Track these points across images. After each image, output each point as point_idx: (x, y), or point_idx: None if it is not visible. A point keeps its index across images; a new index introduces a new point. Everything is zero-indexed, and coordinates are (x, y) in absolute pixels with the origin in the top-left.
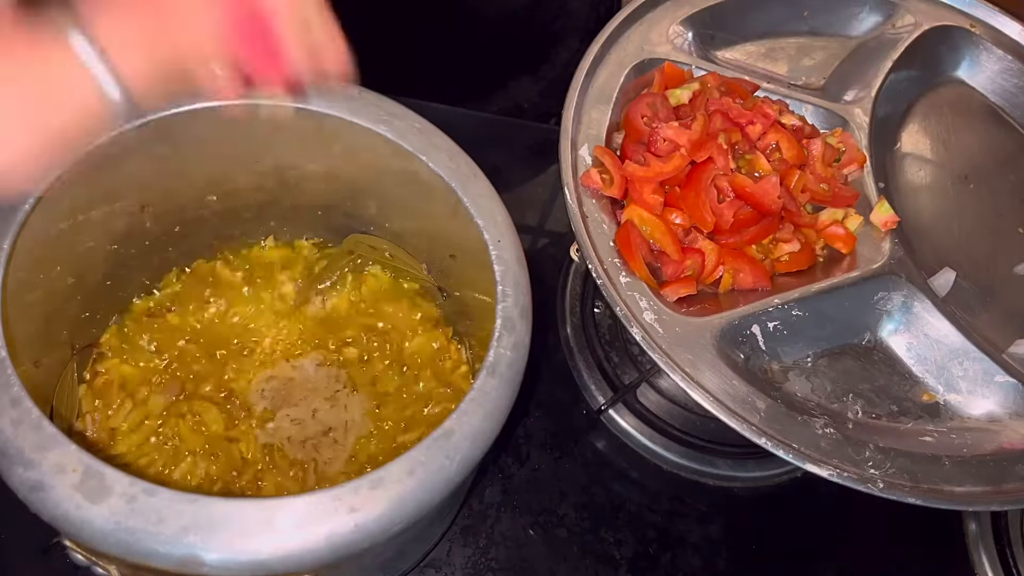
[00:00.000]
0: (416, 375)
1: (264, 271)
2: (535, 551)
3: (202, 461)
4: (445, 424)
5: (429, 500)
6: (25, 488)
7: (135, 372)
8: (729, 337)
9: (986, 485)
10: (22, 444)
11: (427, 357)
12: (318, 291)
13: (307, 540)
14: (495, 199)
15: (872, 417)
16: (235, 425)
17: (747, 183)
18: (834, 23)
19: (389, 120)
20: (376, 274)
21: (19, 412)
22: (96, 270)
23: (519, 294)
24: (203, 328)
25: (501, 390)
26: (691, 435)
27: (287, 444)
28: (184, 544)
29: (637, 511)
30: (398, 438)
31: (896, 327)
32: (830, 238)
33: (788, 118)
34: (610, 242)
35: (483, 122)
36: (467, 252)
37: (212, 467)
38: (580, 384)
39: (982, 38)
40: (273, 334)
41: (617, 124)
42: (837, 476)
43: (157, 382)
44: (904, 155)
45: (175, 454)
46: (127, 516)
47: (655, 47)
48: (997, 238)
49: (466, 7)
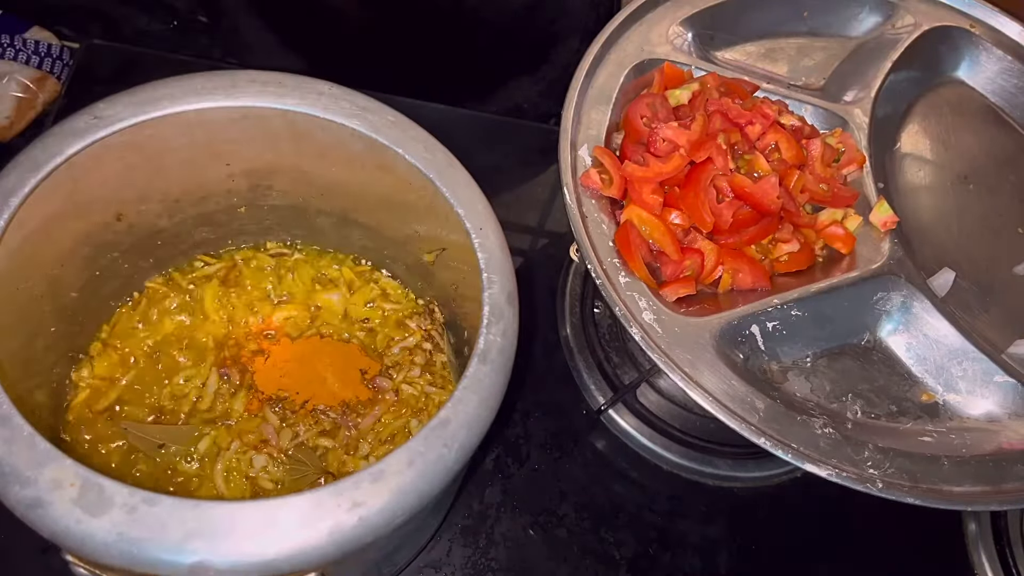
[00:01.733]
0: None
1: (241, 274)
2: (535, 551)
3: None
4: (441, 413)
5: (430, 490)
6: (23, 506)
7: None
8: (728, 337)
9: (985, 485)
10: (16, 462)
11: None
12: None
13: (311, 537)
14: (474, 187)
15: (871, 417)
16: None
17: (746, 183)
18: (834, 23)
19: (362, 114)
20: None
21: (10, 430)
22: (73, 283)
23: (504, 280)
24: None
25: (493, 376)
26: (691, 435)
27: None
28: (188, 551)
29: (637, 511)
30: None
31: (895, 327)
32: (829, 238)
33: (787, 118)
34: (609, 242)
35: (483, 122)
36: (448, 242)
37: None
38: (580, 384)
39: (982, 38)
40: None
41: (617, 124)
42: (836, 476)
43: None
44: (904, 155)
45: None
46: (129, 527)
47: (655, 47)
48: (997, 238)
49: (466, 7)
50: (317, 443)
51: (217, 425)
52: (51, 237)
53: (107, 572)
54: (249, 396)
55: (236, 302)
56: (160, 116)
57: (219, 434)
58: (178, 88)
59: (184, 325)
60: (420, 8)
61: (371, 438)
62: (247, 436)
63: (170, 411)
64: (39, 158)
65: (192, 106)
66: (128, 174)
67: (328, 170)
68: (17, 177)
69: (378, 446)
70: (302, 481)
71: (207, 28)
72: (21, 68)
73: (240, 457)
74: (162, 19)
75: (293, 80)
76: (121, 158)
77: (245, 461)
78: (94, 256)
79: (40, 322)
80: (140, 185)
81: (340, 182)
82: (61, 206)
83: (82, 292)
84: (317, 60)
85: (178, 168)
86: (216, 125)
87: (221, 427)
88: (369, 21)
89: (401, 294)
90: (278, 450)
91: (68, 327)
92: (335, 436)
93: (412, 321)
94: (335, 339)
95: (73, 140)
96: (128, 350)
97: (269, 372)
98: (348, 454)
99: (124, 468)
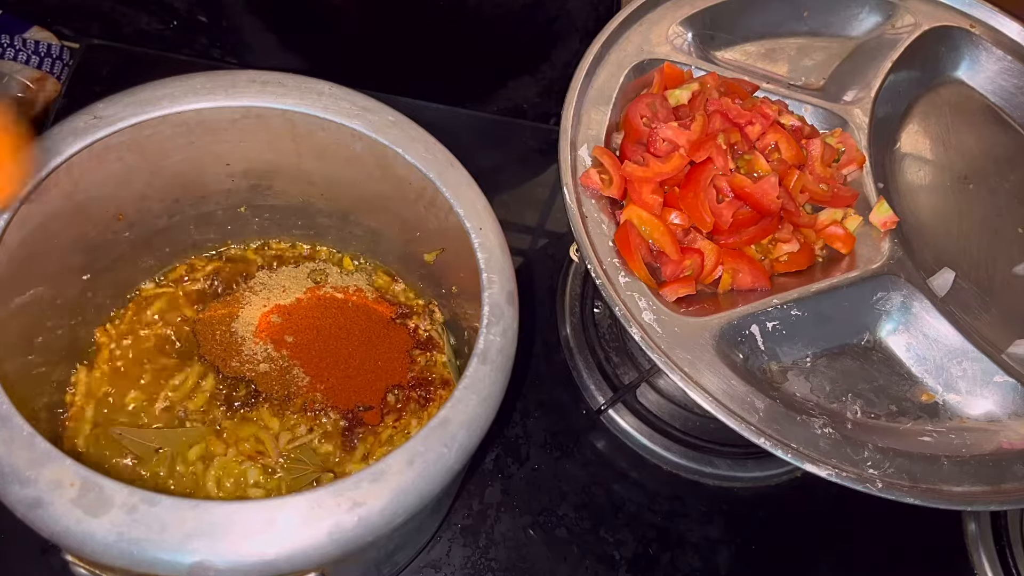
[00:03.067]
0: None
1: (241, 272)
2: (535, 551)
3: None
4: (441, 413)
5: (430, 490)
6: (23, 506)
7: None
8: (728, 337)
9: (985, 485)
10: (16, 462)
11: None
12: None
13: (311, 537)
14: (474, 187)
15: (871, 417)
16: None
17: (746, 183)
18: (834, 23)
19: (362, 114)
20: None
21: (10, 430)
22: (73, 282)
23: (504, 280)
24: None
25: (493, 376)
26: (691, 435)
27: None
28: (189, 551)
29: (637, 511)
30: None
31: (895, 327)
32: (829, 238)
33: (787, 118)
34: (609, 242)
35: (483, 122)
36: (448, 242)
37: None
38: (580, 384)
39: (982, 38)
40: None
41: (616, 124)
42: (836, 476)
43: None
44: (904, 155)
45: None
46: (129, 527)
47: (655, 47)
48: (997, 238)
49: (466, 7)
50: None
51: (212, 426)
52: (51, 237)
53: (107, 572)
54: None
55: (237, 302)
56: (160, 116)
57: (212, 441)
58: (178, 88)
59: (183, 324)
60: (420, 8)
61: (371, 440)
62: (243, 444)
63: (168, 412)
64: (39, 158)
65: (192, 106)
66: (128, 174)
67: (328, 170)
68: None
69: (377, 447)
70: (302, 480)
71: (207, 28)
72: (21, 68)
73: (233, 465)
74: (162, 19)
75: (293, 80)
76: (121, 158)
77: (239, 471)
78: (94, 256)
79: (39, 322)
80: (140, 185)
81: (340, 182)
82: (61, 206)
83: (82, 291)
84: (317, 60)
85: (178, 168)
86: (216, 125)
87: (212, 435)
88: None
89: (401, 293)
90: (277, 455)
91: (67, 327)
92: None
93: (412, 321)
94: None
95: (73, 140)
96: (128, 350)
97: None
98: (345, 451)
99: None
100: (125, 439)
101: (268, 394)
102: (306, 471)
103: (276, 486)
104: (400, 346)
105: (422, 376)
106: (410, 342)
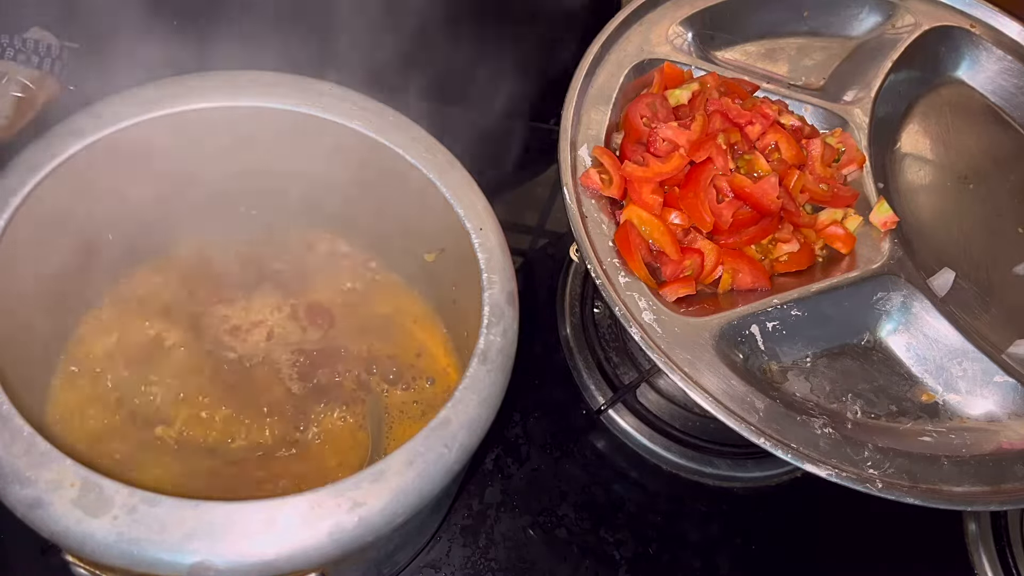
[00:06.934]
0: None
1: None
2: (535, 551)
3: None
4: (441, 413)
5: (430, 490)
6: (23, 506)
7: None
8: (728, 337)
9: (985, 485)
10: (16, 462)
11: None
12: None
13: (311, 537)
14: (474, 187)
15: (871, 417)
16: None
17: (746, 183)
18: (834, 23)
19: (362, 114)
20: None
21: (10, 431)
22: (72, 282)
23: (505, 280)
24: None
25: (494, 376)
26: (691, 435)
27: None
28: (189, 551)
29: (637, 511)
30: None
31: (895, 327)
32: (829, 238)
33: (787, 118)
34: (609, 242)
35: (483, 122)
36: (448, 242)
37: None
38: (580, 384)
39: (982, 38)
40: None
41: (616, 124)
42: (836, 476)
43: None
44: (904, 155)
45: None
46: (129, 527)
47: (655, 47)
48: (997, 238)
49: (466, 7)
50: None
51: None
52: (50, 237)
53: (107, 572)
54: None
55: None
56: (160, 116)
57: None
58: (178, 88)
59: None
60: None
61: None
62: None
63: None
64: (39, 158)
65: (192, 106)
66: (128, 174)
67: (328, 170)
68: (17, 177)
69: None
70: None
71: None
72: (21, 68)
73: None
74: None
75: (293, 80)
76: (121, 158)
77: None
78: (93, 255)
79: (39, 321)
80: (140, 185)
81: (340, 182)
82: (61, 206)
83: (81, 291)
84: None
85: (178, 168)
86: (216, 125)
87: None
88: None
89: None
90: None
91: (67, 327)
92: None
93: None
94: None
95: (73, 140)
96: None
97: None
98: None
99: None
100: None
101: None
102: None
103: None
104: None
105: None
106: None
